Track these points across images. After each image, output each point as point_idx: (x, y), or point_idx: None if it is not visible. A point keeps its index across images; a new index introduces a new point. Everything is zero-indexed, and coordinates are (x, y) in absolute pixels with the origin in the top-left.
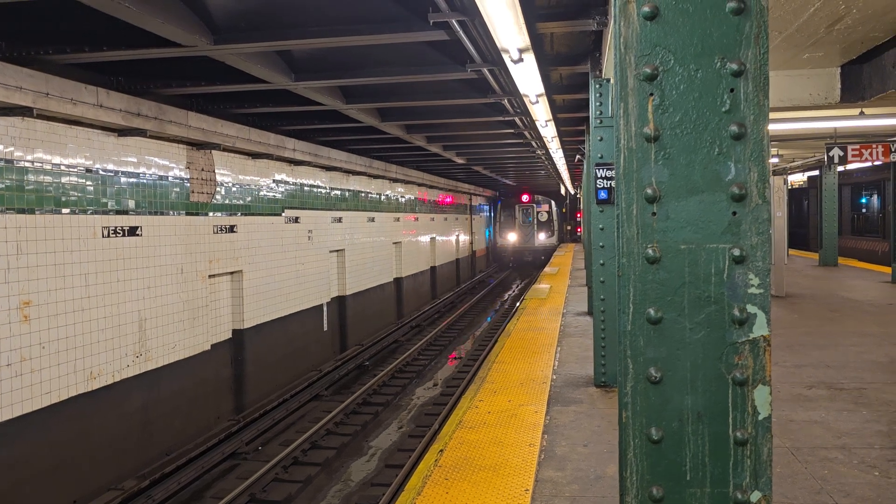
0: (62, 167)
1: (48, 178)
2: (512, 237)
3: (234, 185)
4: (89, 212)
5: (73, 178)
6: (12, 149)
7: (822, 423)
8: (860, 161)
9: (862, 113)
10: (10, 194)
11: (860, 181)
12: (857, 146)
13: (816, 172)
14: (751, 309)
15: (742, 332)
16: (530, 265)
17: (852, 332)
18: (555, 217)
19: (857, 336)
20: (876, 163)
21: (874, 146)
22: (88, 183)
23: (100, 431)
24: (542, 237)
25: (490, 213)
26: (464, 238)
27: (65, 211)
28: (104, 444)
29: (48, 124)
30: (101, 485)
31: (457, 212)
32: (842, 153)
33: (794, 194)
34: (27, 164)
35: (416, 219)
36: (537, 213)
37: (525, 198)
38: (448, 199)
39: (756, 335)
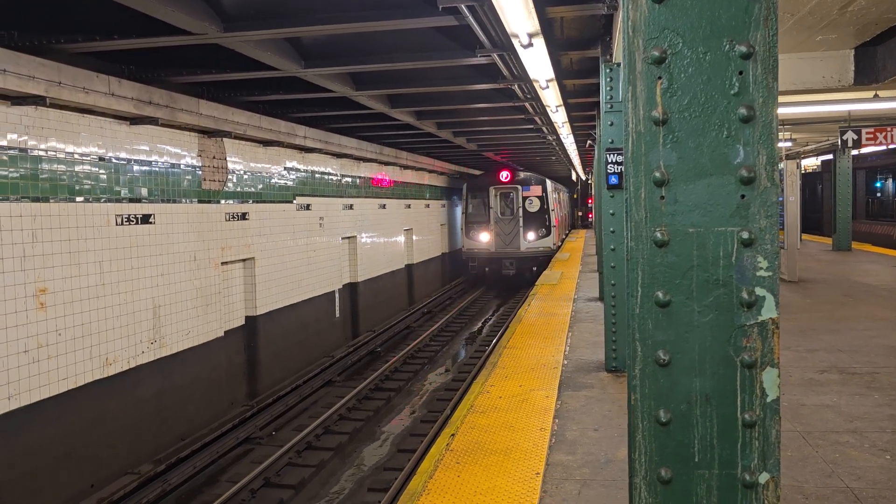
0: (75, 155)
1: (62, 167)
2: (484, 238)
3: (245, 172)
4: (103, 200)
5: (87, 167)
6: (26, 137)
7: (834, 408)
8: (874, 144)
9: (876, 96)
10: (25, 183)
11: (875, 165)
12: (872, 129)
13: (830, 156)
14: (759, 292)
15: (750, 314)
16: (512, 285)
17: (865, 317)
18: (552, 206)
19: (870, 320)
20: (891, 146)
21: (889, 129)
22: (101, 171)
23: (116, 417)
24: (530, 237)
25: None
26: None
27: (78, 199)
28: (120, 429)
29: (61, 113)
30: (117, 469)
31: None
32: (856, 137)
33: (808, 178)
34: (41, 153)
35: (428, 206)
36: (524, 199)
37: (505, 175)
38: (459, 186)
39: (764, 318)
